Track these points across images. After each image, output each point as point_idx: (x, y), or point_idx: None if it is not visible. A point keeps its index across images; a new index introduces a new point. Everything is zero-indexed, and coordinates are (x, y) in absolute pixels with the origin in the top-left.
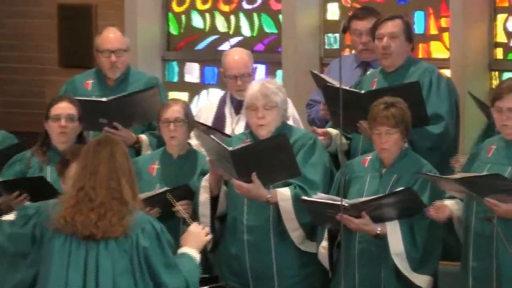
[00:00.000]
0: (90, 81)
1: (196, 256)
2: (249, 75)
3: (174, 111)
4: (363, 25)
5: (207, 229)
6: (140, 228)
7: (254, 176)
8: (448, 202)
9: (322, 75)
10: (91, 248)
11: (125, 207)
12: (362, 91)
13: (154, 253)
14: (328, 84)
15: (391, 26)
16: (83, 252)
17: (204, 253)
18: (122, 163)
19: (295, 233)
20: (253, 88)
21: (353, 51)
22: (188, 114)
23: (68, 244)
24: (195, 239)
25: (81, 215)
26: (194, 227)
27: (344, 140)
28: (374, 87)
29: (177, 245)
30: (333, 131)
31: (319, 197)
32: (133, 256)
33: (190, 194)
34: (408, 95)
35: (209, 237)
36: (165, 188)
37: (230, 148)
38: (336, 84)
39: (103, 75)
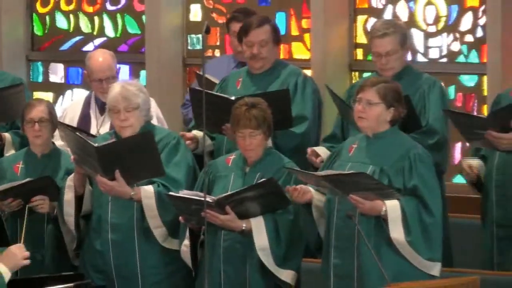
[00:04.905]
0: None
1: (5, 274)
2: (114, 78)
3: (39, 111)
4: None
5: (27, 254)
6: None
7: (117, 173)
8: (312, 189)
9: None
10: None
11: None
12: (233, 97)
13: None
14: (192, 87)
15: (261, 34)
16: None
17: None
18: None
19: (158, 230)
20: (114, 90)
21: (220, 54)
22: (52, 113)
23: None
24: (12, 259)
25: None
26: (15, 248)
27: (209, 141)
28: (239, 87)
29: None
30: (199, 134)
31: (185, 193)
32: None
33: (53, 186)
34: (277, 101)
35: (26, 262)
36: (27, 179)
37: (95, 144)
38: (213, 79)
39: None
